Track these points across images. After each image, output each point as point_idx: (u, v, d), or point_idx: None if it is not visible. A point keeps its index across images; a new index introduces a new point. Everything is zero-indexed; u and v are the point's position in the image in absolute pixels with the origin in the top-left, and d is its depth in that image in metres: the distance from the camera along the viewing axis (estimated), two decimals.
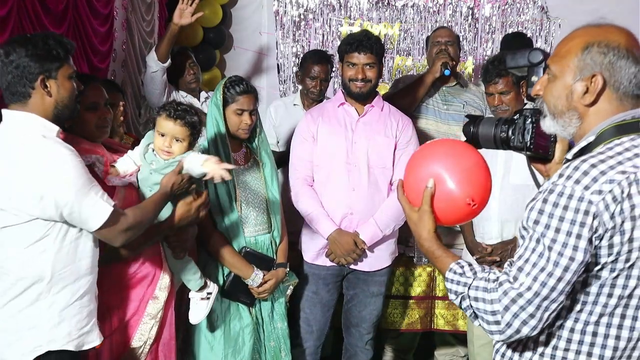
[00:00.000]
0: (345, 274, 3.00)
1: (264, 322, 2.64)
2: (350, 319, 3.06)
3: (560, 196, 1.29)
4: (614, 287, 1.33)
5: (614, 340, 1.35)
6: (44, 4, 2.89)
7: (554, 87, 1.42)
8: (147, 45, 4.13)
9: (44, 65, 1.81)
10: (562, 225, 1.28)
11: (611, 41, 1.36)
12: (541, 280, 1.29)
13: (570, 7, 4.45)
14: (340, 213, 2.88)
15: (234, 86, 2.55)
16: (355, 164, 2.89)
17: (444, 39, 3.47)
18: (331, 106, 3.01)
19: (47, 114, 1.85)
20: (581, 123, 1.40)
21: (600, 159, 1.31)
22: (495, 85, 2.86)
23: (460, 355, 3.62)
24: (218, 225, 2.52)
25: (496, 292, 1.33)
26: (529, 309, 1.30)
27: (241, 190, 2.57)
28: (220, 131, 2.53)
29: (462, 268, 1.44)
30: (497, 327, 1.34)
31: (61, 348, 1.87)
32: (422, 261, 3.30)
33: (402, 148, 2.96)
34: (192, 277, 2.35)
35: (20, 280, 1.83)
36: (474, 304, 1.38)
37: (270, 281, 2.56)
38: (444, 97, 3.52)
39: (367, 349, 3.09)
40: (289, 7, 4.78)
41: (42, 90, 1.82)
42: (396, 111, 3.04)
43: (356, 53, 2.87)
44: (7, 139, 1.82)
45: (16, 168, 1.77)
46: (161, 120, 2.19)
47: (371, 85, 2.90)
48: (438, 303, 3.32)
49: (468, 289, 1.39)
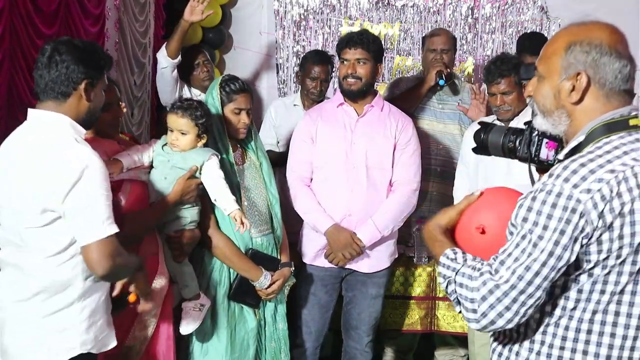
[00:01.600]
0: (344, 275, 2.99)
1: (266, 324, 2.63)
2: (350, 321, 3.05)
3: (549, 194, 1.31)
4: (605, 283, 1.34)
5: (608, 338, 1.36)
6: (35, 4, 2.88)
7: (543, 87, 1.45)
8: (141, 46, 4.12)
9: (90, 71, 1.86)
10: (549, 222, 1.30)
11: (593, 39, 1.38)
12: (518, 274, 1.32)
13: (570, 7, 4.44)
14: (338, 214, 2.87)
15: (230, 85, 2.54)
16: (354, 165, 2.87)
17: (440, 46, 3.48)
18: (330, 106, 3.00)
19: (79, 118, 1.88)
20: (571, 121, 1.43)
21: (590, 158, 1.33)
22: (498, 86, 2.86)
23: (460, 355, 3.62)
24: (222, 227, 2.50)
25: (476, 281, 1.36)
26: (505, 301, 1.33)
27: (243, 191, 2.56)
28: (220, 132, 2.52)
29: (455, 254, 1.47)
30: (474, 315, 1.36)
31: (88, 351, 1.90)
32: (422, 261, 3.30)
33: (402, 149, 2.94)
34: (189, 283, 2.35)
35: (50, 286, 1.84)
36: (457, 289, 1.41)
37: (278, 281, 2.55)
38: (439, 96, 3.53)
39: (367, 352, 3.08)
40: (289, 7, 4.78)
41: (81, 94, 1.85)
42: (397, 111, 3.03)
43: (347, 48, 2.87)
44: (37, 138, 1.83)
45: (47, 167, 1.77)
46: (169, 116, 2.35)
47: (362, 83, 2.87)
48: (439, 304, 3.32)
49: (455, 274, 1.42)
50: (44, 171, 1.76)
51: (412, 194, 2.94)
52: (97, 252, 1.78)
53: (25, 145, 1.83)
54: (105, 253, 1.78)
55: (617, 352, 1.36)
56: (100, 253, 1.78)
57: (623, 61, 1.38)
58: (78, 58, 1.84)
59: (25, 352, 1.86)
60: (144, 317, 2.23)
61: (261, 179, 2.65)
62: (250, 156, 2.66)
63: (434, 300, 3.32)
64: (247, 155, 2.66)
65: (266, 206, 2.64)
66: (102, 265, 1.79)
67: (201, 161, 2.33)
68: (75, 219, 1.78)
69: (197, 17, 3.31)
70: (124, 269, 1.91)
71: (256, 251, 2.54)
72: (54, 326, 1.85)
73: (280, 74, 4.86)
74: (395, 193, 2.92)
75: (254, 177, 2.63)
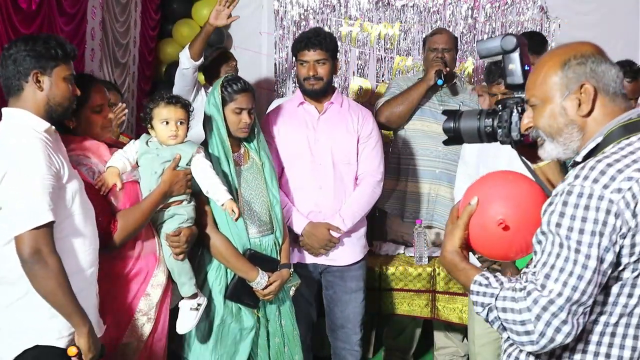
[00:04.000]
0: (320, 271, 3.00)
1: (269, 322, 2.62)
2: (335, 320, 3.04)
3: (580, 197, 1.29)
4: (634, 286, 1.33)
5: (632, 341, 1.34)
6: (15, 3, 2.86)
7: (544, 111, 1.43)
8: (120, 47, 4.11)
9: (39, 61, 1.89)
10: (585, 225, 1.27)
11: (583, 52, 1.40)
12: (572, 285, 1.27)
13: (570, 7, 4.44)
14: (307, 211, 2.90)
15: (232, 85, 2.54)
16: (320, 162, 2.91)
17: (441, 45, 3.48)
18: (290, 106, 3.02)
19: (39, 110, 1.91)
20: (583, 135, 1.41)
21: (615, 159, 1.32)
22: (499, 86, 2.85)
23: (460, 355, 3.61)
24: (221, 227, 2.50)
25: (525, 301, 1.30)
26: (562, 315, 1.28)
27: (243, 191, 2.56)
28: (221, 132, 2.52)
29: (487, 279, 1.41)
30: (529, 338, 1.31)
31: (50, 344, 1.87)
32: (422, 261, 3.29)
33: (364, 142, 2.99)
34: (187, 281, 2.35)
35: (4, 277, 1.84)
36: (502, 315, 1.34)
37: (275, 283, 2.55)
38: (440, 97, 3.53)
39: (356, 350, 3.06)
40: (289, 7, 4.78)
41: (34, 85, 1.89)
42: (356, 105, 3.08)
43: (306, 50, 2.88)
44: (1, 135, 1.88)
45: None
46: (161, 109, 2.34)
47: (324, 83, 2.90)
48: (439, 296, 3.30)
49: (495, 299, 1.36)
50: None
51: (377, 185, 3.01)
52: (23, 241, 1.76)
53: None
54: (29, 242, 1.75)
55: (638, 354, 1.35)
56: (26, 244, 1.76)
57: (615, 67, 1.41)
58: (25, 51, 1.88)
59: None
60: (141, 314, 2.23)
61: (262, 180, 2.65)
62: (253, 156, 2.66)
63: (434, 293, 3.31)
64: (249, 155, 2.66)
65: (266, 207, 2.64)
66: (23, 255, 1.76)
67: (191, 153, 2.34)
68: (7, 209, 1.79)
69: (222, 21, 3.31)
70: (49, 280, 1.79)
71: (254, 252, 2.53)
72: (14, 318, 1.85)
73: (279, 74, 4.86)
74: (361, 185, 2.98)
75: (255, 177, 2.63)
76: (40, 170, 1.80)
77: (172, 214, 2.33)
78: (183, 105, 2.36)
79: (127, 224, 2.15)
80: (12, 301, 1.86)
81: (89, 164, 2.17)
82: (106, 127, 2.27)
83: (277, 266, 2.61)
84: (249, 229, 2.55)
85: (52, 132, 1.95)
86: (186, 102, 2.40)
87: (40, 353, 1.87)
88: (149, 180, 2.30)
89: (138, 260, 2.24)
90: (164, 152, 2.33)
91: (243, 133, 2.57)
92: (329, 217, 2.90)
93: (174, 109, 2.34)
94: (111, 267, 2.18)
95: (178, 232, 2.31)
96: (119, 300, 2.20)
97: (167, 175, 2.28)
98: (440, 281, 3.27)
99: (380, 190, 3.04)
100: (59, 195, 1.85)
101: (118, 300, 2.19)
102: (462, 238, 1.50)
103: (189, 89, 3.37)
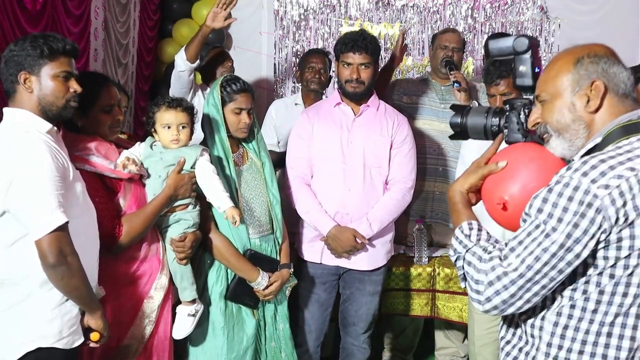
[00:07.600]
0: (341, 273, 3.00)
1: (266, 325, 2.62)
2: (347, 317, 3.06)
3: (566, 187, 1.31)
4: (629, 286, 1.33)
5: (628, 342, 1.35)
6: (20, 3, 2.87)
7: (553, 107, 1.46)
8: (121, 47, 4.12)
9: (26, 62, 1.88)
10: (565, 215, 1.30)
11: (597, 52, 1.43)
12: (527, 263, 1.33)
13: (570, 7, 4.45)
14: (334, 212, 2.88)
15: (231, 85, 2.53)
16: (351, 164, 2.89)
17: (452, 44, 3.48)
18: (327, 106, 3.01)
19: (34, 111, 1.90)
20: (589, 132, 1.43)
21: (610, 156, 1.33)
22: (497, 87, 2.85)
23: (460, 356, 3.61)
24: (221, 227, 2.50)
25: (485, 264, 1.38)
26: (512, 289, 1.34)
27: (243, 192, 2.56)
28: (220, 132, 2.52)
29: (470, 230, 1.49)
30: (477, 297, 1.39)
31: (51, 345, 1.87)
32: (422, 262, 3.29)
33: (397, 147, 2.96)
34: (189, 286, 2.35)
35: (8, 279, 1.84)
36: (466, 266, 1.43)
37: (275, 283, 2.55)
38: (442, 96, 3.53)
39: (364, 348, 3.08)
40: (289, 7, 4.78)
41: (24, 87, 1.88)
42: (392, 110, 3.05)
43: (351, 53, 2.86)
44: (4, 136, 1.87)
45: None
46: (163, 114, 2.33)
47: (365, 87, 2.88)
48: (439, 295, 3.30)
49: (466, 251, 1.44)
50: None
51: (408, 191, 2.97)
52: (46, 245, 1.77)
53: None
54: (53, 246, 1.77)
55: (634, 354, 1.35)
56: (50, 247, 1.77)
57: (628, 70, 1.42)
58: (15, 52, 1.88)
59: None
60: (143, 316, 2.23)
61: (262, 180, 2.65)
62: (252, 156, 2.66)
63: (434, 292, 3.31)
64: (248, 155, 2.66)
65: (266, 207, 2.63)
66: (49, 259, 1.78)
67: (195, 156, 2.34)
68: (20, 214, 1.79)
69: (219, 23, 3.29)
70: (73, 278, 1.83)
71: (254, 252, 2.53)
72: (15, 319, 1.85)
73: (279, 74, 4.86)
74: (391, 191, 2.94)
75: (255, 177, 2.63)
76: (49, 172, 1.79)
77: (178, 219, 2.33)
78: (185, 109, 2.35)
79: (132, 227, 2.16)
80: (15, 303, 1.85)
81: (95, 163, 2.16)
82: (114, 128, 2.27)
83: (277, 266, 2.60)
84: (249, 229, 2.55)
85: (54, 132, 1.94)
86: (189, 105, 2.38)
87: (43, 355, 1.86)
88: (153, 183, 2.30)
89: (143, 263, 2.25)
90: (167, 156, 2.32)
91: (242, 133, 2.57)
92: (356, 220, 2.87)
93: (175, 113, 2.32)
94: (116, 269, 2.18)
95: (183, 237, 2.30)
96: (122, 302, 2.20)
97: (172, 179, 2.27)
98: (440, 281, 3.27)
99: (410, 197, 2.99)
100: (66, 195, 1.86)
101: (121, 301, 2.19)
102: (474, 185, 1.56)
103: (185, 91, 3.36)
